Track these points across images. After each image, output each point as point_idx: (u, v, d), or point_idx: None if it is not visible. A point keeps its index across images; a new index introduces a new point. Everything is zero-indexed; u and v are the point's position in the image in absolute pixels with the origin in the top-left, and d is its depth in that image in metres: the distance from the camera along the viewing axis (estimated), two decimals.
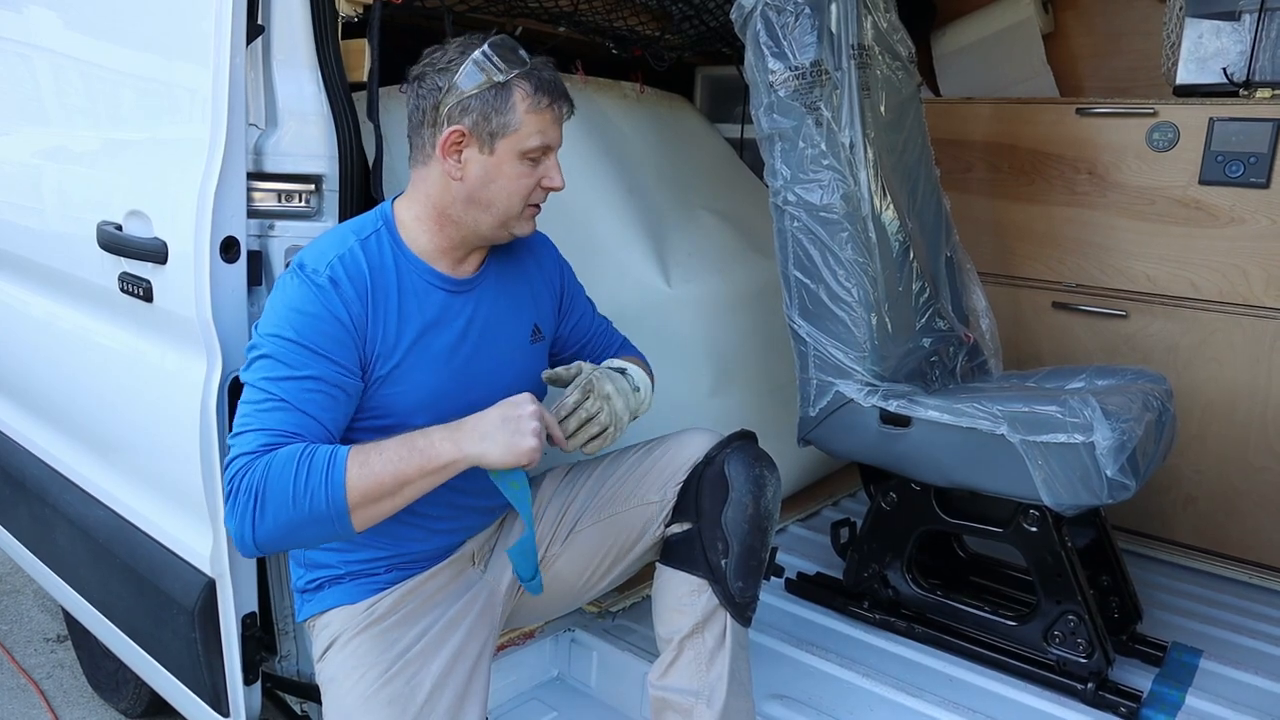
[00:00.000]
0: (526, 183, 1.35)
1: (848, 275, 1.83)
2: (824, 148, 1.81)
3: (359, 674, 1.33)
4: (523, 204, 1.37)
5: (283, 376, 1.23)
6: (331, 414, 1.26)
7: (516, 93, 1.31)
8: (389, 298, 1.33)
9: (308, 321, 1.25)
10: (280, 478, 1.16)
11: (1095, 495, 1.63)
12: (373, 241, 1.35)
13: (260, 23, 1.43)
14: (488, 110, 1.30)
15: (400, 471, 1.19)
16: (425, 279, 1.37)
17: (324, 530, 1.20)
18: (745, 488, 1.45)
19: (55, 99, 1.86)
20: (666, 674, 1.47)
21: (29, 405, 2.03)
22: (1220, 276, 2.29)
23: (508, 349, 1.47)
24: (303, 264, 1.30)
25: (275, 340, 1.24)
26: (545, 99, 1.32)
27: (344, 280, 1.28)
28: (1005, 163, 2.56)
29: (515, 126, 1.31)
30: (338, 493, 1.16)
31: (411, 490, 1.21)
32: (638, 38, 2.39)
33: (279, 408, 1.22)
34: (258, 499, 1.16)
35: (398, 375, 1.33)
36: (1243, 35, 2.26)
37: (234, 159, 1.39)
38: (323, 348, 1.25)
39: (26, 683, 2.39)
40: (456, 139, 1.32)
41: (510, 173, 1.34)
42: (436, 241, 1.38)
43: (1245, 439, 2.30)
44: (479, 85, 1.30)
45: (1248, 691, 1.83)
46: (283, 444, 1.19)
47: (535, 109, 1.32)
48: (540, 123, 1.33)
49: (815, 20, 1.80)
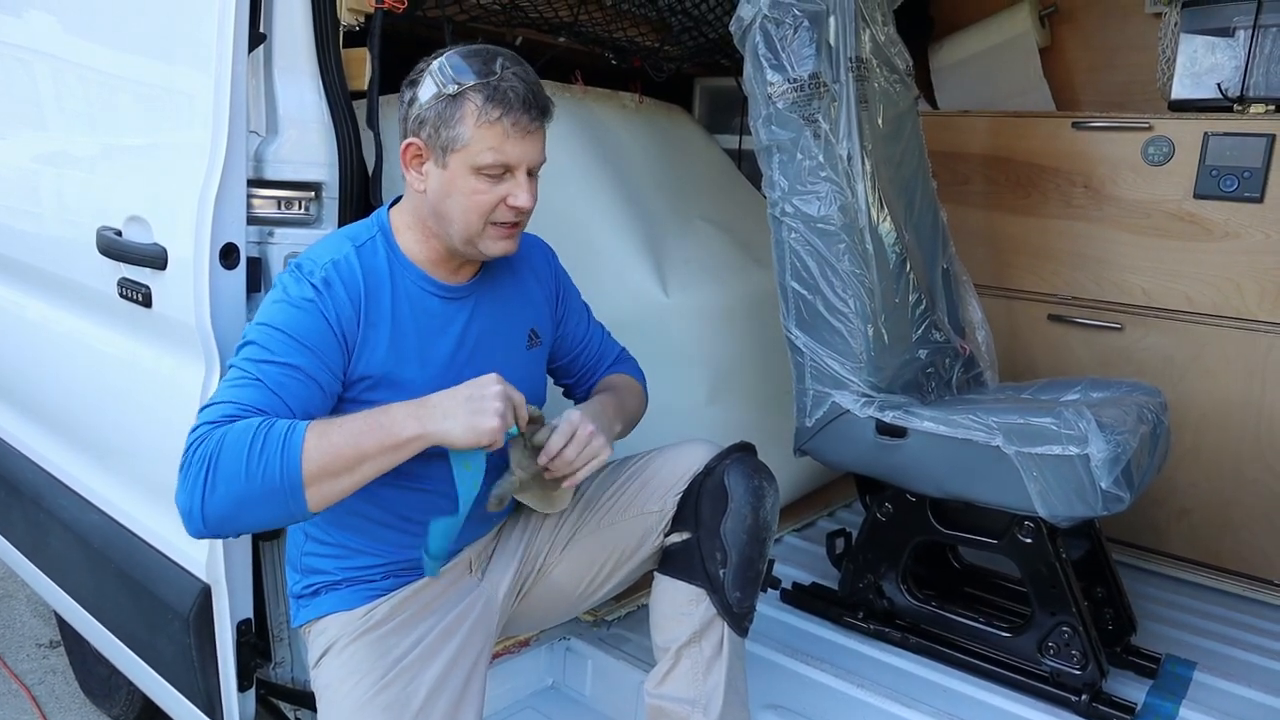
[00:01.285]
0: (483, 199, 1.29)
1: (845, 286, 1.83)
2: (821, 159, 1.82)
3: (354, 680, 1.33)
4: (482, 222, 1.30)
5: (263, 359, 1.21)
6: (305, 404, 1.22)
7: (467, 105, 1.25)
8: (382, 304, 1.32)
9: (298, 315, 1.24)
10: (235, 446, 1.11)
11: (1090, 507, 1.64)
12: (369, 248, 1.34)
13: (262, 30, 1.44)
14: (439, 123, 1.27)
15: (359, 445, 1.14)
16: (420, 285, 1.37)
17: (277, 507, 1.14)
18: (744, 499, 1.45)
19: (55, 104, 1.86)
20: (663, 682, 1.47)
21: (25, 409, 2.02)
22: (1215, 290, 2.30)
23: (504, 354, 1.46)
24: (299, 265, 1.29)
25: (263, 329, 1.23)
26: (495, 111, 1.25)
27: (337, 284, 1.28)
28: (1002, 176, 2.58)
29: (465, 141, 1.26)
30: (293, 464, 1.12)
31: (370, 467, 1.16)
32: (637, 48, 2.40)
33: (252, 385, 1.19)
34: (209, 469, 1.11)
35: (390, 380, 1.32)
36: (1237, 51, 2.28)
37: (234, 166, 1.39)
38: (309, 341, 1.24)
39: (18, 688, 2.38)
40: (415, 152, 1.30)
41: (464, 188, 1.28)
42: (427, 251, 1.37)
43: (1239, 452, 2.31)
44: (431, 97, 1.27)
45: (1241, 704, 1.83)
46: (244, 416, 1.16)
47: (484, 122, 1.25)
48: (492, 137, 1.26)
49: (814, 33, 1.82)
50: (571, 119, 2.24)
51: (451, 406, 1.19)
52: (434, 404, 1.20)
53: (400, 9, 1.62)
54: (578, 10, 2.14)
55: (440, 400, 1.20)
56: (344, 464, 1.15)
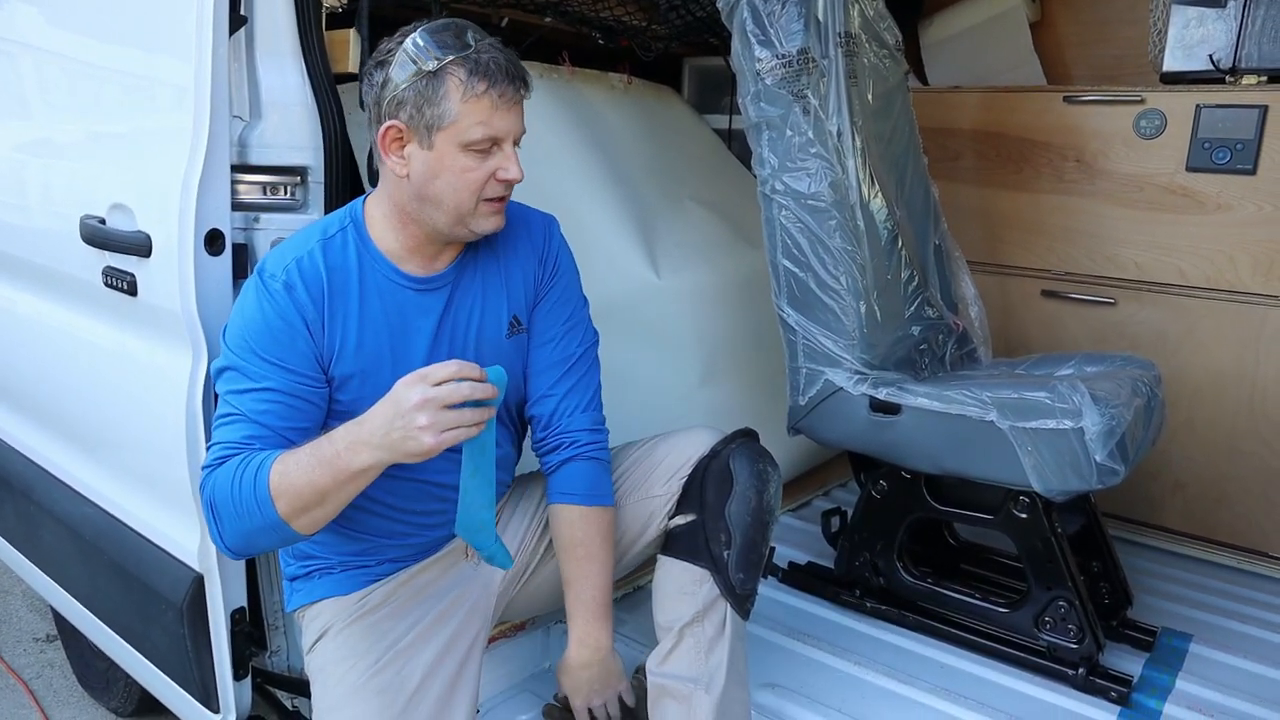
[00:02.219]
0: (474, 176, 1.26)
1: (836, 264, 1.82)
2: (811, 136, 1.81)
3: (349, 664, 1.33)
4: (474, 199, 1.27)
5: (241, 389, 1.24)
6: (289, 422, 1.24)
7: (450, 80, 1.21)
8: (348, 300, 1.30)
9: (264, 331, 1.24)
10: (223, 493, 1.18)
11: (1085, 480, 1.63)
12: (337, 240, 1.31)
13: (243, 13, 1.42)
14: (420, 102, 1.22)
15: (315, 484, 1.13)
16: (390, 278, 1.33)
17: (277, 537, 1.19)
18: (749, 482, 1.46)
19: (36, 92, 1.84)
20: (666, 661, 1.47)
21: (13, 402, 2.01)
22: (1208, 263, 2.30)
23: (479, 345, 1.41)
24: (262, 269, 1.28)
25: (237, 351, 1.25)
26: (481, 84, 1.22)
27: (298, 284, 1.26)
28: (993, 151, 2.57)
29: (451, 117, 1.22)
30: (267, 507, 1.15)
31: (338, 497, 1.15)
32: (624, 28, 2.38)
33: (234, 420, 1.23)
34: (214, 513, 1.19)
35: (360, 379, 1.31)
36: (1229, 22, 2.26)
37: (218, 151, 1.38)
38: (279, 358, 1.24)
39: (16, 683, 2.38)
40: (395, 135, 1.25)
41: (454, 166, 1.25)
42: (402, 240, 1.33)
43: (1233, 424, 2.31)
44: (410, 75, 1.22)
45: (1237, 675, 1.83)
46: (232, 456, 1.20)
47: (470, 96, 1.21)
48: (480, 111, 1.22)
49: (802, 8, 1.80)
50: (559, 101, 2.22)
51: (379, 434, 1.10)
52: (369, 427, 1.11)
53: None
54: None
55: (372, 422, 1.11)
56: (310, 501, 1.15)
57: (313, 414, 1.28)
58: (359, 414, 1.22)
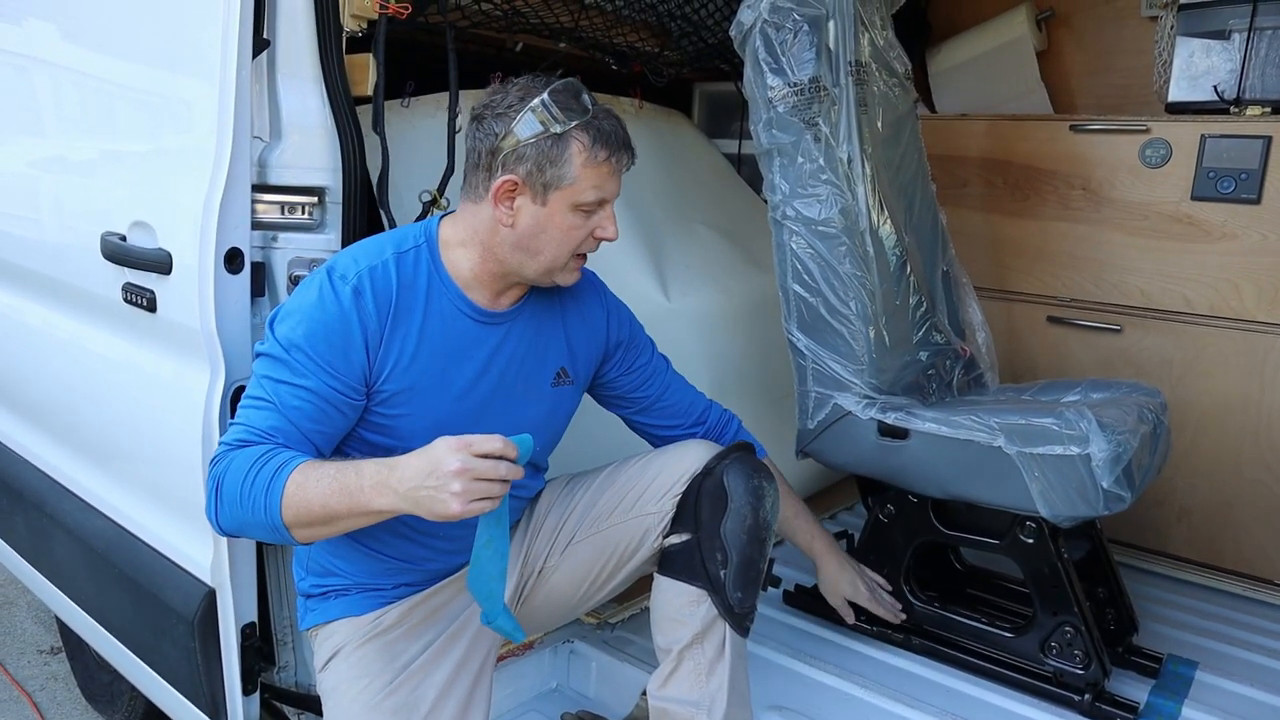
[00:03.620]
0: (578, 234, 1.32)
1: (845, 289, 1.84)
2: (822, 163, 1.83)
3: (363, 684, 1.33)
4: (570, 255, 1.34)
5: (280, 379, 1.23)
6: (318, 426, 1.25)
7: (574, 145, 1.27)
8: (412, 317, 1.31)
9: (320, 331, 1.24)
10: (234, 475, 1.18)
11: (1091, 507, 1.64)
12: (410, 257, 1.33)
13: (265, 36, 1.45)
14: (543, 161, 1.27)
15: (329, 507, 1.15)
16: (455, 305, 1.35)
17: (270, 536, 1.20)
18: (744, 499, 1.45)
19: (60, 111, 1.87)
20: (666, 684, 1.47)
21: (28, 414, 2.03)
22: (1213, 291, 2.31)
23: (526, 389, 1.44)
24: (333, 267, 1.28)
25: (286, 342, 1.24)
26: (604, 152, 1.28)
27: (368, 292, 1.27)
28: (1000, 178, 2.59)
29: (571, 179, 1.27)
30: (274, 510, 1.16)
31: (346, 524, 1.18)
32: (637, 54, 2.41)
33: (265, 407, 1.23)
34: (217, 489, 1.19)
35: (406, 397, 1.32)
36: (1233, 54, 2.29)
37: (238, 171, 1.40)
38: (326, 360, 1.24)
39: (20, 695, 2.38)
40: (510, 187, 1.29)
41: (562, 224, 1.30)
42: (478, 271, 1.35)
43: (1239, 452, 2.32)
44: (536, 135, 1.26)
45: (1243, 703, 1.83)
46: (255, 443, 1.20)
47: (592, 163, 1.28)
48: (597, 177, 1.29)
49: (814, 37, 1.83)
50: None
51: (410, 485, 1.11)
52: (398, 476, 1.12)
53: (404, 15, 1.63)
54: (578, 16, 2.15)
55: (403, 470, 1.12)
56: (317, 519, 1.16)
57: (341, 424, 1.29)
58: (395, 429, 1.28)
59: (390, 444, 1.32)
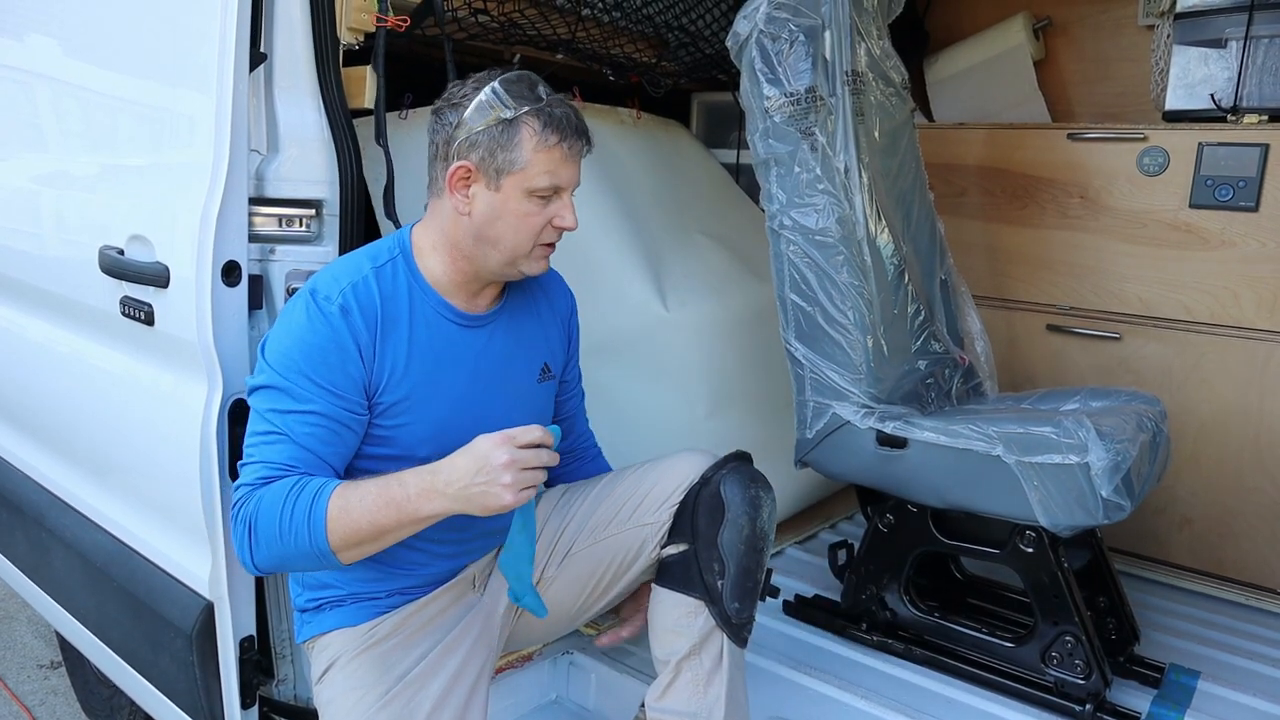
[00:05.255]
0: (534, 221, 1.33)
1: (843, 298, 1.84)
2: (819, 172, 1.83)
3: (358, 695, 1.33)
4: (531, 242, 1.35)
5: (286, 409, 1.24)
6: (333, 448, 1.27)
7: (524, 129, 1.29)
8: (399, 328, 1.33)
9: (315, 353, 1.26)
10: (269, 513, 1.19)
11: (1091, 516, 1.64)
12: (388, 270, 1.35)
13: (263, 50, 1.45)
14: (494, 146, 1.29)
15: (377, 522, 1.19)
16: (438, 311, 1.37)
17: (313, 563, 1.22)
18: (741, 509, 1.45)
19: (57, 125, 1.87)
20: (664, 696, 1.47)
21: (26, 429, 2.03)
22: (1212, 299, 2.31)
23: (516, 386, 1.47)
24: (315, 290, 1.30)
25: (283, 370, 1.25)
26: (554, 136, 1.30)
27: (354, 309, 1.28)
28: (998, 187, 2.59)
29: (521, 164, 1.29)
30: (319, 536, 1.18)
31: (393, 536, 1.22)
32: (634, 64, 2.42)
33: (280, 441, 1.24)
34: (250, 531, 1.20)
35: (404, 407, 1.33)
36: (1230, 62, 2.29)
37: (236, 184, 1.40)
38: (328, 381, 1.26)
39: (19, 709, 2.37)
40: (464, 174, 1.31)
41: (517, 210, 1.32)
42: (450, 274, 1.38)
43: (1239, 460, 2.32)
44: (487, 121, 1.29)
45: (1246, 713, 1.82)
46: (278, 477, 1.22)
47: (543, 147, 1.30)
48: (548, 161, 1.31)
49: (810, 47, 1.83)
50: None
51: (459, 485, 1.17)
52: (444, 480, 1.18)
53: (402, 29, 1.63)
54: (575, 27, 2.16)
55: (449, 475, 1.18)
56: (365, 537, 1.20)
57: (353, 442, 1.30)
58: (397, 439, 1.31)
59: (397, 454, 1.33)
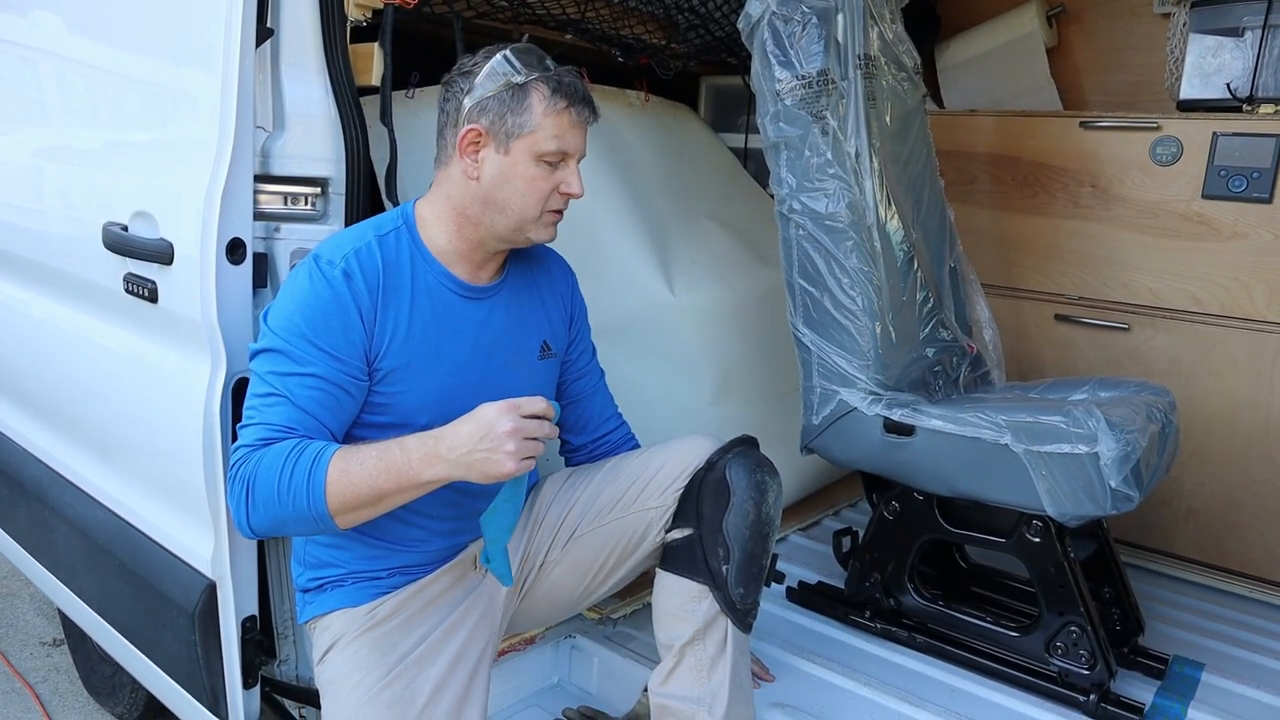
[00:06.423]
0: (542, 186, 1.35)
1: (852, 284, 1.83)
2: (830, 156, 1.81)
3: (359, 676, 1.33)
4: (539, 208, 1.36)
5: (287, 372, 1.25)
6: (332, 412, 1.27)
7: (534, 94, 1.31)
8: (401, 295, 1.33)
9: (317, 317, 1.26)
10: (267, 473, 1.19)
11: (1099, 506, 1.63)
12: (391, 239, 1.36)
13: (269, 26, 1.44)
14: (504, 110, 1.31)
15: (376, 486, 1.19)
16: (440, 281, 1.38)
17: (310, 526, 1.23)
18: (747, 493, 1.45)
19: (62, 101, 1.86)
20: (667, 681, 1.47)
21: (28, 406, 2.02)
22: (1222, 291, 2.29)
23: (516, 361, 1.47)
24: (318, 256, 1.30)
25: (285, 333, 1.26)
26: (563, 101, 1.32)
27: (357, 274, 1.29)
28: (1009, 175, 2.57)
29: (531, 127, 1.31)
30: (318, 498, 1.18)
31: (392, 501, 1.22)
32: (643, 46, 2.40)
33: (280, 403, 1.24)
34: (248, 491, 1.20)
35: (403, 374, 1.33)
36: (1246, 51, 2.27)
37: (241, 161, 1.39)
38: (329, 345, 1.26)
39: (22, 686, 2.38)
40: (474, 138, 1.33)
41: (525, 174, 1.33)
42: (455, 243, 1.38)
43: (1247, 452, 2.30)
44: (498, 86, 1.31)
45: (1250, 705, 1.82)
46: (278, 439, 1.22)
47: (552, 110, 1.32)
48: (557, 126, 1.32)
49: (822, 30, 1.81)
50: None
51: (461, 450, 1.17)
52: (446, 445, 1.18)
53: (410, 5, 1.62)
54: (584, 7, 2.14)
55: (451, 440, 1.18)
56: (365, 500, 1.20)
57: (352, 408, 1.31)
58: (395, 406, 1.31)
59: (394, 421, 1.33)
